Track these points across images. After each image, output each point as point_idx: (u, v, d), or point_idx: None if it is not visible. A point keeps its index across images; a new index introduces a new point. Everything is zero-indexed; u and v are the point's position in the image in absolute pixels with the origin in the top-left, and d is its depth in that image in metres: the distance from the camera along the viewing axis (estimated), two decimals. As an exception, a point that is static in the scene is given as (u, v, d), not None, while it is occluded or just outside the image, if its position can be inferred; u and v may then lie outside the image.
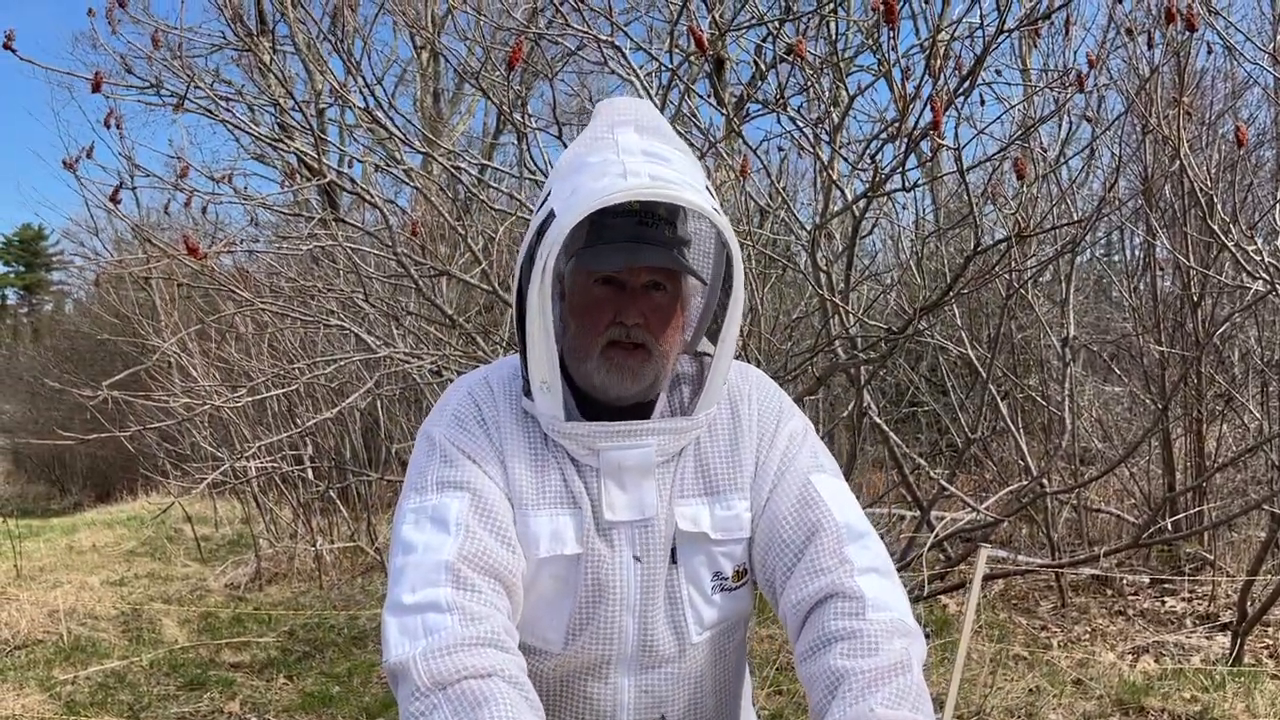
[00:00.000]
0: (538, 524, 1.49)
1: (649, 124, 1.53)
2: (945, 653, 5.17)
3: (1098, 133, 5.29)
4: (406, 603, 1.37)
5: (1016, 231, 4.32)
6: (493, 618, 1.38)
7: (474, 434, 1.52)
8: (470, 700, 1.28)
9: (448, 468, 1.49)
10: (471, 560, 1.40)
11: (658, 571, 1.53)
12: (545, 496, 1.51)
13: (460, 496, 1.46)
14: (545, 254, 1.42)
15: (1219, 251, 6.11)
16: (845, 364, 4.74)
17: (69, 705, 5.27)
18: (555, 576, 1.51)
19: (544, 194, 1.51)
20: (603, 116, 1.55)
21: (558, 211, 1.42)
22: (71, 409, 15.40)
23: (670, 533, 1.53)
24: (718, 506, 1.55)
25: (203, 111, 4.33)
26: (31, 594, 7.50)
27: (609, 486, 1.51)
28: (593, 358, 1.51)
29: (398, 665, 1.33)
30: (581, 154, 1.50)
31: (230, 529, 10.74)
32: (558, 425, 1.51)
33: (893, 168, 4.09)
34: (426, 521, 1.44)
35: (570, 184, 1.45)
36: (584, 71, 10.17)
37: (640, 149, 1.47)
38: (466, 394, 1.57)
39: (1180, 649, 5.50)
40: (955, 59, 4.12)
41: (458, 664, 1.31)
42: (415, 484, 1.50)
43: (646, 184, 1.41)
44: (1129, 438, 7.66)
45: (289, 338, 8.04)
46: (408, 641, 1.34)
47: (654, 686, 1.57)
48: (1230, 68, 6.59)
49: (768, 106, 4.57)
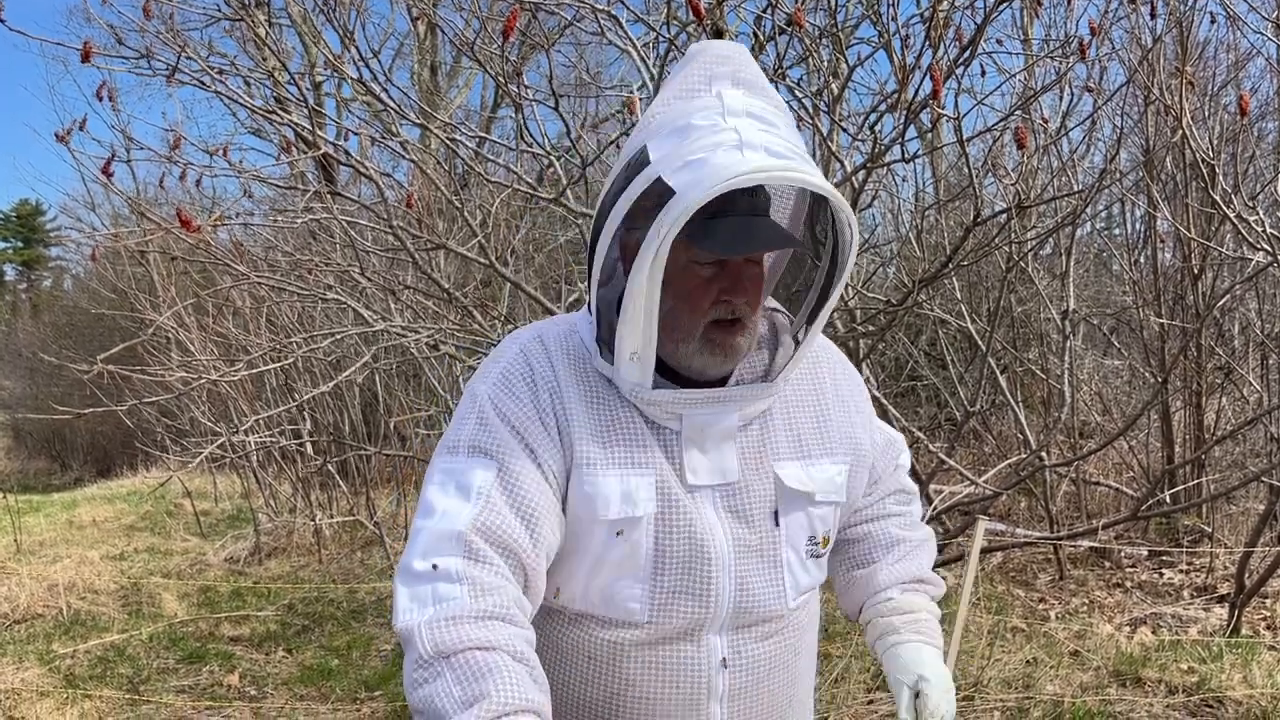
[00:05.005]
0: (607, 484, 1.44)
1: (748, 78, 1.46)
2: (943, 624, 5.18)
3: (1099, 103, 5.26)
4: (417, 569, 1.35)
5: (1017, 203, 4.30)
6: (504, 589, 1.35)
7: (520, 396, 1.46)
8: (473, 670, 1.27)
9: (483, 432, 1.44)
10: (486, 532, 1.37)
11: (760, 534, 1.51)
12: (614, 457, 1.46)
13: (489, 465, 1.42)
14: (662, 234, 1.33)
15: (1220, 223, 6.08)
16: (845, 337, 4.73)
17: (68, 678, 5.29)
18: (629, 542, 1.45)
19: (635, 150, 1.42)
20: (698, 64, 1.46)
21: (677, 188, 1.33)
22: (71, 384, 15.40)
23: (772, 494, 1.52)
24: (814, 468, 1.56)
25: (196, 83, 4.28)
26: (31, 569, 7.52)
27: (691, 451, 1.48)
28: (694, 339, 1.46)
29: (404, 631, 1.32)
30: (683, 110, 1.41)
31: (229, 504, 10.76)
32: (642, 393, 1.46)
33: (892, 139, 4.06)
34: (452, 485, 1.41)
35: (680, 151, 1.36)
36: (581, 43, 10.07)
37: (745, 110, 1.41)
38: (519, 352, 1.51)
39: (1178, 620, 5.52)
40: (956, 29, 4.08)
41: (463, 635, 1.29)
42: (450, 442, 1.46)
43: (772, 163, 1.33)
44: (1128, 411, 7.66)
45: (286, 312, 8.02)
46: (416, 608, 1.32)
47: (747, 647, 1.53)
48: (1233, 38, 6.54)
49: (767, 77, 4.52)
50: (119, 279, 10.51)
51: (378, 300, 6.03)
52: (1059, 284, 6.53)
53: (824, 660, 4.83)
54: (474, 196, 6.68)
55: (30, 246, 53.03)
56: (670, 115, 1.42)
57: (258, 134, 16.16)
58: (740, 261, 1.44)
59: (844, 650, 4.82)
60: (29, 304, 37.71)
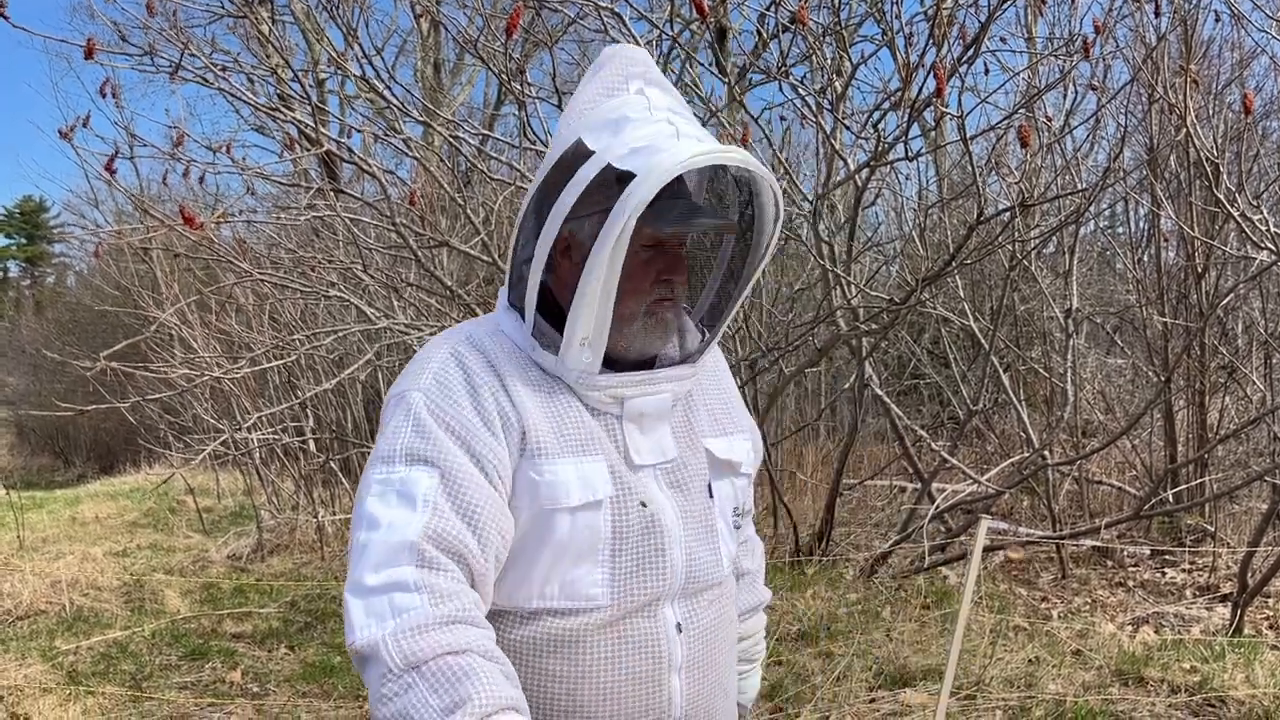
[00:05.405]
0: (564, 472, 1.46)
1: (657, 78, 1.55)
2: (945, 623, 5.18)
3: (1103, 102, 5.25)
4: (370, 583, 1.33)
5: (1020, 202, 4.29)
6: (463, 593, 1.35)
7: (457, 399, 1.46)
8: (448, 677, 1.26)
9: (420, 439, 1.42)
10: (438, 539, 1.36)
11: (699, 505, 1.59)
12: (567, 445, 1.48)
13: (431, 472, 1.40)
14: (628, 211, 1.39)
15: (1224, 222, 6.07)
16: (847, 335, 4.73)
17: (71, 675, 5.30)
18: (589, 527, 1.47)
19: (568, 145, 1.47)
20: (615, 66, 1.54)
21: (637, 170, 1.39)
22: (74, 381, 15.41)
23: (705, 468, 1.61)
24: (733, 441, 1.67)
25: (199, 80, 4.29)
26: (34, 565, 7.53)
27: (632, 433, 1.54)
28: (639, 318, 1.52)
29: (366, 647, 1.30)
30: (611, 106, 1.49)
31: (232, 500, 10.77)
32: (588, 379, 1.50)
33: (896, 137, 4.06)
34: (393, 495, 1.39)
35: (621, 140, 1.43)
36: (584, 40, 10.08)
37: (666, 105, 1.50)
38: (450, 354, 1.51)
39: (1180, 620, 5.51)
40: (960, 27, 4.08)
41: (431, 642, 1.29)
42: (383, 453, 1.43)
43: (713, 146, 1.43)
44: (1131, 410, 7.65)
45: (289, 309, 8.02)
46: (375, 622, 1.30)
47: (697, 614, 1.58)
48: (1237, 36, 6.53)
49: (770, 76, 4.53)
50: (122, 276, 10.52)
51: (380, 298, 6.04)
52: (1062, 282, 6.53)
53: (826, 659, 4.83)
54: (477, 194, 6.68)
55: (34, 243, 53.11)
56: (600, 112, 1.49)
57: (261, 131, 16.17)
58: (676, 244, 1.53)
59: (845, 649, 4.82)
60: (32, 300, 37.75)
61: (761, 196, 1.57)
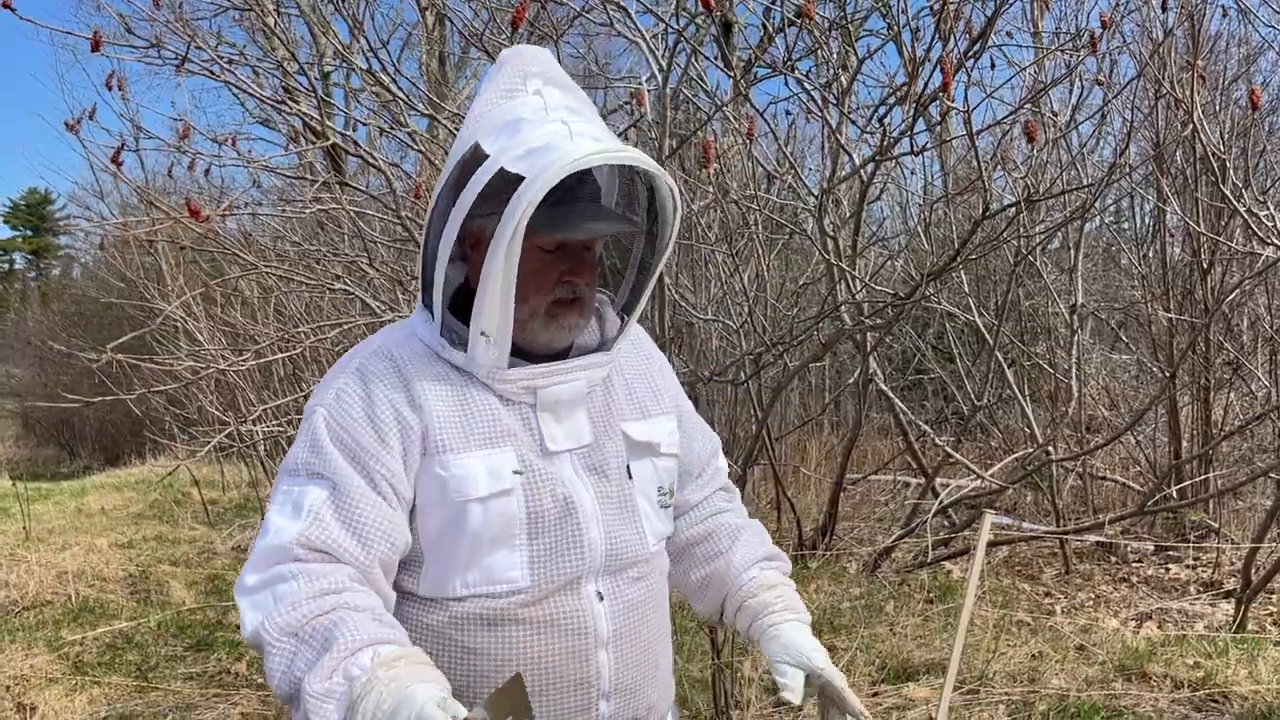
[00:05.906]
0: (471, 465, 1.53)
1: (557, 76, 1.60)
2: (949, 618, 5.19)
3: (1109, 97, 5.24)
4: (250, 584, 1.46)
5: (1025, 197, 4.29)
6: (336, 571, 1.45)
7: (354, 415, 1.54)
8: (319, 632, 1.37)
9: (315, 455, 1.52)
10: (310, 544, 1.46)
11: (617, 486, 1.65)
12: (474, 439, 1.55)
13: (322, 485, 1.50)
14: (518, 214, 1.45)
15: (1230, 218, 6.06)
16: (851, 330, 4.73)
17: (77, 665, 5.32)
18: (502, 514, 1.54)
19: (467, 148, 1.52)
20: (513, 67, 1.59)
21: (526, 173, 1.45)
22: (80, 373, 15.44)
23: (623, 450, 1.67)
24: (654, 424, 1.73)
25: (205, 73, 4.29)
26: (40, 556, 7.55)
27: (547, 421, 1.60)
28: (538, 316, 1.58)
29: (254, 636, 1.42)
30: (508, 108, 1.54)
31: (237, 492, 10.79)
32: (498, 374, 1.57)
33: (901, 132, 4.05)
34: (288, 506, 1.50)
35: (516, 142, 1.48)
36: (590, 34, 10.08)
37: (564, 105, 1.55)
38: (355, 370, 1.59)
39: (1184, 616, 5.51)
40: (966, 21, 4.06)
41: (303, 611, 1.40)
42: (289, 465, 1.55)
43: (606, 147, 1.47)
44: (1136, 405, 7.64)
45: (294, 302, 8.02)
46: (259, 614, 1.43)
47: (621, 589, 1.63)
48: (1245, 31, 6.51)
49: (775, 70, 4.52)
50: (128, 268, 10.50)
51: (385, 291, 6.03)
52: (1067, 278, 6.52)
53: (829, 653, 4.83)
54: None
55: (39, 235, 53.15)
56: (497, 114, 1.54)
57: (266, 124, 16.18)
58: (579, 245, 1.58)
59: (849, 643, 4.83)
60: (38, 292, 37.76)
61: (660, 193, 1.62)
